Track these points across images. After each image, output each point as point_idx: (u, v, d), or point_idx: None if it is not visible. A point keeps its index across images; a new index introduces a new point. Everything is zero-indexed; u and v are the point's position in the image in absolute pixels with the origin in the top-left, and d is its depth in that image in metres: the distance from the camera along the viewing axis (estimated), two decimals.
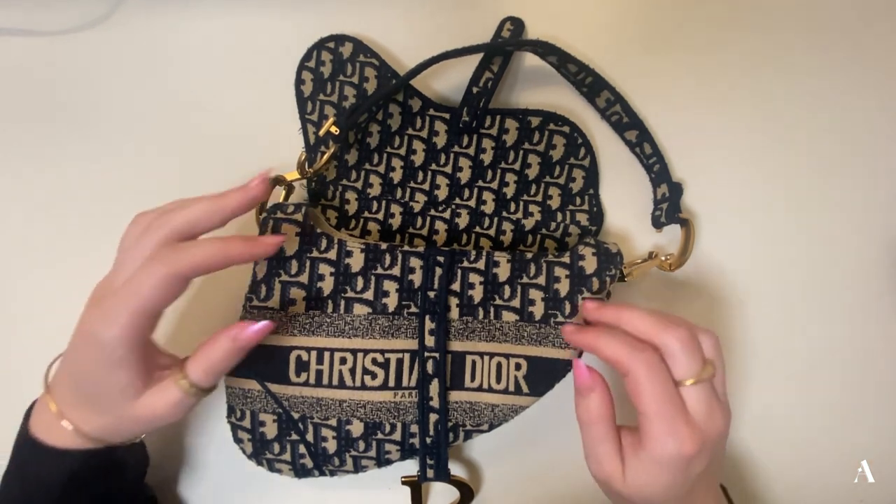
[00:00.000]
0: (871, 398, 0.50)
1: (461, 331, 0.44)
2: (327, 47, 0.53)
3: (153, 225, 0.36)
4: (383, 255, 0.44)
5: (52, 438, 0.36)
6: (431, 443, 0.44)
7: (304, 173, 0.47)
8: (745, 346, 0.50)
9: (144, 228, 0.36)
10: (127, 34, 0.56)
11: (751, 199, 0.52)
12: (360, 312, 0.44)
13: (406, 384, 0.44)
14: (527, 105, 0.53)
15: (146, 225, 0.37)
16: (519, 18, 0.54)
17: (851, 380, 0.50)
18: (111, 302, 0.34)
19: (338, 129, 0.48)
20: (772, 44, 0.55)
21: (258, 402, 0.45)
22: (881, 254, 0.51)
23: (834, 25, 0.55)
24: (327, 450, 0.45)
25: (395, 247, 0.45)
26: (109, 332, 0.33)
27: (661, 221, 0.50)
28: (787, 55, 0.54)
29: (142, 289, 0.33)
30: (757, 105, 0.54)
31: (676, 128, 0.53)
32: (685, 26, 0.55)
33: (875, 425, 0.49)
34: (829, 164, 0.53)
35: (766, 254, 0.52)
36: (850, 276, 0.51)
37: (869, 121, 0.53)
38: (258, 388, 0.45)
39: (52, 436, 0.36)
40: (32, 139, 0.54)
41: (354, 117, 0.49)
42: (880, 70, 0.54)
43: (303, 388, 0.44)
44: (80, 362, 0.35)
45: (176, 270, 0.34)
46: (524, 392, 0.44)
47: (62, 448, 0.36)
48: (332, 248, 0.44)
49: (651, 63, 0.54)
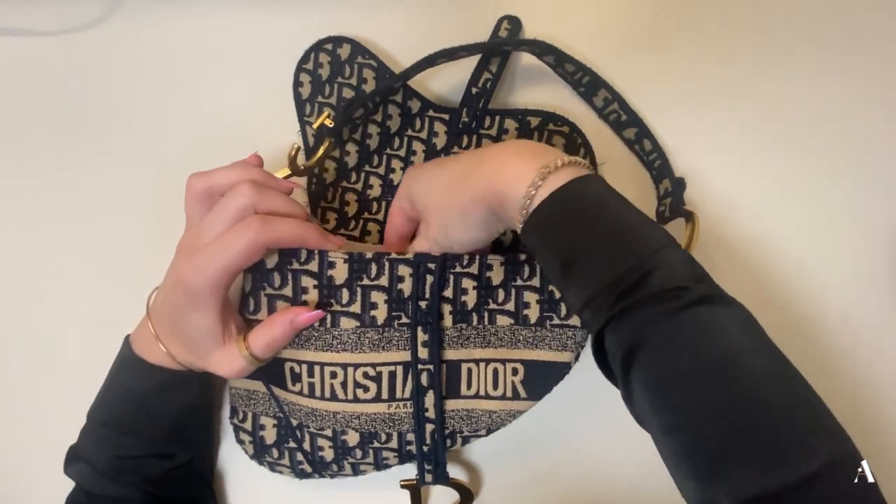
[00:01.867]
0: (871, 398, 0.49)
1: (455, 339, 0.44)
2: (325, 49, 0.53)
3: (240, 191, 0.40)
4: (369, 265, 0.43)
5: (148, 354, 0.43)
6: (429, 450, 0.44)
7: (294, 168, 0.46)
8: None
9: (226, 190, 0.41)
10: (126, 34, 0.56)
11: (751, 198, 0.52)
12: (348, 326, 0.43)
13: (400, 396, 0.43)
14: (526, 105, 0.53)
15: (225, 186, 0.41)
16: (516, 17, 0.54)
17: (851, 378, 0.49)
18: (203, 255, 0.38)
19: (332, 123, 0.48)
20: (772, 42, 0.54)
21: (261, 404, 0.46)
22: (881, 253, 0.50)
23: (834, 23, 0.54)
24: (325, 458, 0.45)
25: (382, 255, 0.43)
26: (199, 281, 0.38)
27: (666, 216, 0.49)
28: (787, 54, 0.53)
29: (231, 249, 0.38)
30: (756, 104, 0.53)
31: (675, 127, 0.52)
32: (683, 24, 0.55)
33: (875, 425, 0.48)
34: (829, 163, 0.52)
35: (766, 253, 0.51)
36: (850, 275, 0.50)
37: (869, 119, 0.52)
38: (263, 389, 0.45)
39: (147, 352, 0.43)
40: (32, 138, 0.55)
41: (350, 112, 0.49)
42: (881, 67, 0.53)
43: (298, 396, 0.44)
44: (171, 304, 0.41)
45: (264, 240, 0.39)
46: (522, 397, 0.44)
47: (155, 364, 0.43)
48: (312, 259, 0.42)
49: (649, 61, 0.54)
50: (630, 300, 0.33)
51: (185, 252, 0.41)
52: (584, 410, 0.48)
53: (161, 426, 0.44)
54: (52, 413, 0.50)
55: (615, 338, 0.35)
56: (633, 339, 0.33)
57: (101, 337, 0.50)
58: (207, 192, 0.41)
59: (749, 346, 0.33)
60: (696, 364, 0.32)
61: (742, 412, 0.31)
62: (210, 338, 0.41)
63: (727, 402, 0.31)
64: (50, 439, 0.49)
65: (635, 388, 0.34)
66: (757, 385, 0.31)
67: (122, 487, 0.42)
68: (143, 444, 0.43)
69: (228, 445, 0.49)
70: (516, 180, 0.37)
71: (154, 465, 0.44)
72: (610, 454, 0.48)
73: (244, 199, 0.39)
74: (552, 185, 0.37)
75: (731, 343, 0.33)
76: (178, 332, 0.41)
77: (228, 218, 0.39)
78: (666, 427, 0.33)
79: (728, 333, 0.33)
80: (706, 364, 0.32)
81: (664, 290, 0.33)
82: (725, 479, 0.30)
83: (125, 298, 0.46)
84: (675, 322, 0.33)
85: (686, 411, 0.32)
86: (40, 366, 0.52)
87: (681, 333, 0.33)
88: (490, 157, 0.40)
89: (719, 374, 0.32)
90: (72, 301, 0.52)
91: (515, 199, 0.37)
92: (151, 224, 0.51)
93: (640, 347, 0.33)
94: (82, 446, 0.44)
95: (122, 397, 0.44)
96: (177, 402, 0.44)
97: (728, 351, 0.32)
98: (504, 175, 0.38)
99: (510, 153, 0.39)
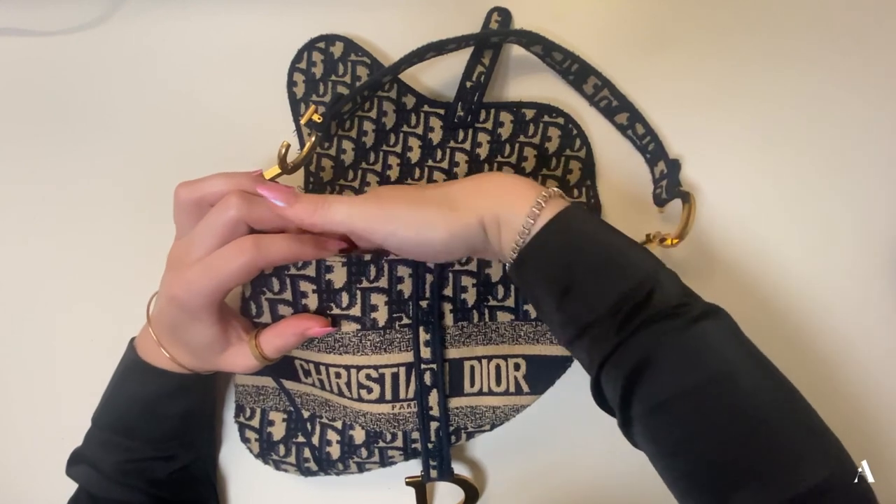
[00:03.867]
0: (871, 397, 0.49)
1: (457, 337, 0.44)
2: (318, 48, 0.52)
3: (229, 203, 0.38)
4: (367, 267, 0.42)
5: (153, 359, 0.43)
6: (433, 447, 0.44)
7: (284, 167, 0.45)
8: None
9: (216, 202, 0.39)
10: (126, 34, 0.56)
11: (750, 198, 0.51)
12: (349, 330, 0.42)
13: (404, 396, 0.43)
14: (521, 97, 0.52)
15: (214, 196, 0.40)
16: (506, 9, 0.53)
17: (850, 377, 0.49)
18: (195, 274, 0.38)
19: (321, 118, 0.47)
20: (773, 40, 0.53)
21: (270, 399, 0.46)
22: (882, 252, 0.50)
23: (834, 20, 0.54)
24: (331, 454, 0.45)
25: (380, 256, 0.42)
26: (193, 300, 0.38)
27: (663, 198, 0.49)
28: (788, 52, 0.53)
29: (223, 271, 0.37)
30: (757, 103, 0.53)
31: (674, 124, 0.52)
32: (674, 15, 0.54)
33: (875, 424, 0.48)
34: (828, 156, 0.52)
35: (766, 251, 0.51)
36: (850, 275, 0.50)
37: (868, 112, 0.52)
38: (272, 384, 0.46)
39: (153, 357, 0.43)
40: (32, 138, 0.55)
41: (338, 106, 0.48)
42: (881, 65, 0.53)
43: (312, 388, 0.45)
44: (169, 317, 0.40)
45: (257, 262, 0.38)
46: (525, 391, 0.44)
47: (160, 368, 0.43)
48: (309, 263, 0.42)
49: (641, 52, 0.53)
50: (637, 321, 0.34)
51: (175, 265, 0.40)
52: (588, 407, 0.48)
53: (167, 429, 0.44)
54: (51, 414, 0.51)
55: (619, 360, 0.34)
56: (641, 358, 0.33)
57: (101, 337, 0.51)
58: (196, 202, 0.40)
59: (745, 360, 0.34)
60: (702, 379, 0.33)
61: (743, 427, 0.31)
62: (214, 344, 0.41)
63: (729, 417, 0.32)
64: (48, 440, 0.49)
65: (636, 412, 0.34)
66: (756, 400, 0.32)
67: (126, 490, 0.43)
68: (149, 447, 0.44)
69: (230, 447, 0.49)
70: (512, 210, 0.38)
71: (159, 467, 0.44)
72: (614, 450, 0.48)
73: (234, 212, 0.38)
74: (546, 216, 0.37)
75: (731, 358, 0.33)
76: (181, 343, 0.42)
77: (218, 232, 0.38)
78: (667, 451, 0.33)
79: (727, 347, 0.34)
80: (711, 379, 0.32)
81: (668, 307, 0.34)
82: (733, 499, 0.31)
83: (124, 300, 0.46)
84: (683, 337, 0.33)
85: (691, 427, 0.32)
86: (39, 365, 0.52)
87: (687, 349, 0.33)
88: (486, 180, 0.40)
89: (721, 389, 0.32)
90: (71, 301, 0.52)
91: (511, 229, 0.37)
92: (152, 224, 0.50)
93: (648, 366, 0.33)
94: (87, 450, 0.44)
95: (128, 401, 0.44)
96: (182, 405, 0.45)
97: (729, 367, 0.33)
98: (501, 206, 0.38)
99: (506, 180, 0.40)
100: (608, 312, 0.34)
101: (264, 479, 0.48)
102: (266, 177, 0.45)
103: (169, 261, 0.41)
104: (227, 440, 0.50)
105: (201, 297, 0.38)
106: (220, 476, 0.50)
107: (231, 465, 0.50)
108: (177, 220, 0.42)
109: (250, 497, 0.50)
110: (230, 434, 0.49)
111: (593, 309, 0.35)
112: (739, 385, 0.32)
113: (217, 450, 0.50)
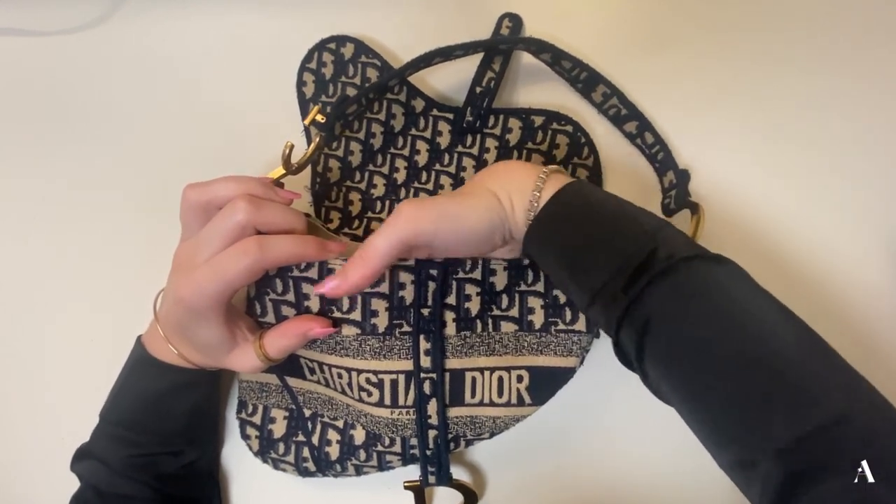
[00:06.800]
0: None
1: (459, 347, 0.43)
2: (328, 48, 0.52)
3: (238, 207, 0.39)
4: None
5: (161, 355, 0.44)
6: (432, 454, 0.44)
7: (288, 167, 0.45)
8: None
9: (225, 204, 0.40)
10: (127, 34, 0.56)
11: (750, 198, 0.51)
12: (349, 334, 0.42)
13: (403, 403, 0.43)
14: (530, 104, 0.52)
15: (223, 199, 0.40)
16: (517, 15, 0.53)
17: None
18: (201, 276, 0.38)
19: (324, 118, 0.47)
20: (773, 40, 0.53)
21: (273, 396, 0.46)
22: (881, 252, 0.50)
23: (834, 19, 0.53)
24: (330, 455, 0.45)
25: None
26: (199, 301, 0.38)
27: (672, 208, 0.49)
28: (787, 52, 0.53)
29: (228, 273, 0.38)
30: (757, 103, 0.52)
31: (679, 125, 0.52)
32: (686, 22, 0.54)
33: None
34: (833, 154, 0.51)
35: (765, 251, 0.51)
36: (850, 274, 0.50)
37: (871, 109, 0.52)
38: (276, 382, 0.46)
39: (161, 353, 0.44)
40: (32, 138, 0.55)
41: (343, 107, 0.48)
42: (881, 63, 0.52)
43: (317, 385, 0.45)
44: (176, 317, 0.41)
45: (261, 265, 0.39)
46: (527, 403, 0.44)
47: (168, 363, 0.43)
48: (311, 266, 0.42)
49: (651, 58, 0.53)
50: (644, 279, 0.35)
51: (182, 267, 0.41)
52: (588, 412, 0.48)
53: (175, 424, 0.45)
54: (51, 414, 0.51)
55: (631, 319, 0.36)
56: (649, 312, 0.34)
57: (101, 337, 0.51)
58: (204, 205, 0.41)
59: (754, 300, 0.35)
60: (713, 323, 0.34)
61: (762, 364, 0.32)
62: (221, 344, 0.41)
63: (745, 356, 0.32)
64: (48, 440, 0.50)
65: (651, 365, 0.35)
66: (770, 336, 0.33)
67: (134, 485, 0.43)
68: (157, 441, 0.44)
69: (232, 445, 0.50)
70: (520, 186, 0.40)
71: (167, 462, 0.45)
72: (614, 455, 0.48)
73: (241, 216, 0.39)
74: (551, 189, 0.39)
75: (739, 297, 0.34)
76: (188, 341, 0.42)
77: (225, 235, 0.39)
78: (689, 395, 0.34)
79: (735, 290, 0.35)
80: (721, 322, 0.33)
81: (671, 263, 0.35)
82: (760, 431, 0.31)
83: (124, 300, 0.46)
84: (688, 287, 0.34)
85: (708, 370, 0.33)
86: (39, 365, 0.52)
87: (694, 297, 0.34)
88: (489, 172, 0.42)
89: (733, 329, 0.33)
90: (71, 301, 0.52)
91: (522, 204, 0.39)
92: (152, 224, 0.51)
93: (656, 319, 0.34)
94: (94, 445, 0.44)
95: (136, 397, 0.44)
96: (190, 400, 0.45)
97: (739, 306, 0.34)
98: (510, 183, 0.40)
99: (511, 163, 0.42)
100: (612, 276, 0.36)
101: (265, 478, 0.48)
102: (271, 177, 0.45)
103: (175, 262, 0.42)
104: (228, 439, 0.50)
105: (208, 299, 0.38)
106: (222, 474, 0.50)
107: (232, 464, 0.50)
108: (184, 220, 0.42)
109: (251, 496, 0.50)
110: (232, 433, 0.50)
111: (600, 275, 0.36)
112: (752, 323, 0.33)
113: (220, 448, 0.50)
